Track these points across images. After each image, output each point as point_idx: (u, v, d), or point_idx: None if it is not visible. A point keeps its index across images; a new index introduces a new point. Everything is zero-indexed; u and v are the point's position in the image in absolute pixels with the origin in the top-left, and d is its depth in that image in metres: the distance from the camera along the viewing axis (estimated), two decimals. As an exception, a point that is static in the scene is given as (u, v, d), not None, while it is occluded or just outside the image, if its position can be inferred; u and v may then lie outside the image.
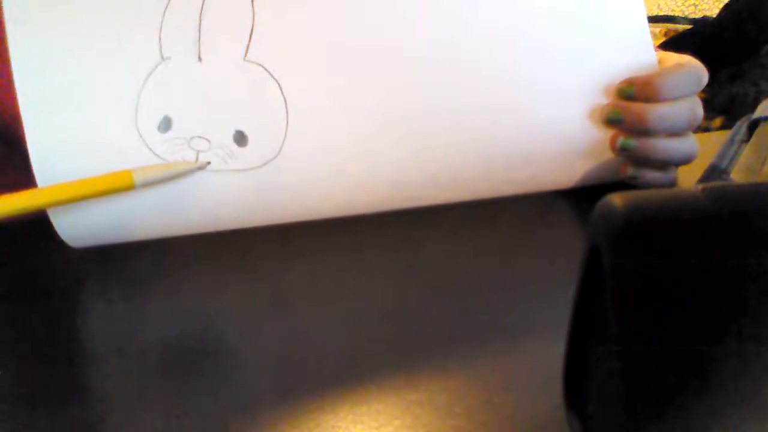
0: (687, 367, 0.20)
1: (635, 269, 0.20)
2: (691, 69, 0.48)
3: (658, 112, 0.47)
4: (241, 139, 0.45)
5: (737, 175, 0.42)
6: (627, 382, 0.20)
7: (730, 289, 0.20)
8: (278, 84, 0.45)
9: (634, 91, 0.47)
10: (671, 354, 0.20)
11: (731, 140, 0.48)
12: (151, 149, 0.44)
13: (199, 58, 0.44)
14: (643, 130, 0.47)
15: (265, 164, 0.45)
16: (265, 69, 0.45)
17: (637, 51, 0.49)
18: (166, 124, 0.44)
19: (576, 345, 0.25)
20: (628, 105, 0.47)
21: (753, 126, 0.47)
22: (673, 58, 0.50)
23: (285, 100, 0.45)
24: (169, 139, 0.44)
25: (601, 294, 0.22)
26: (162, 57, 0.44)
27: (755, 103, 0.52)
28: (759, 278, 0.20)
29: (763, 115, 0.48)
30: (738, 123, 0.51)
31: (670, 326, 0.20)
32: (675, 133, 0.48)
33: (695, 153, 0.49)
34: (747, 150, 0.45)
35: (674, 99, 0.47)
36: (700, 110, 0.48)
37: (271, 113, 0.45)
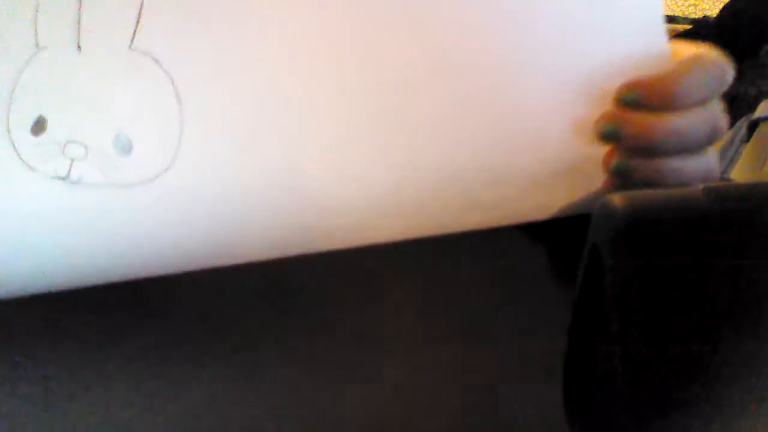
0: (687, 366, 0.20)
1: (635, 269, 0.20)
2: (713, 64, 0.35)
3: (669, 126, 0.34)
4: (124, 145, 0.38)
5: (737, 175, 0.42)
6: (627, 381, 0.20)
7: (730, 289, 0.20)
8: (170, 77, 0.38)
9: (640, 97, 0.35)
10: (671, 354, 0.20)
11: (731, 140, 0.48)
12: (18, 154, 0.37)
13: (78, 48, 0.38)
14: (649, 149, 0.35)
15: (154, 178, 0.37)
16: (154, 59, 0.38)
17: (645, 37, 0.36)
18: (39, 125, 0.38)
19: (576, 345, 0.25)
20: (628, 116, 0.35)
21: (753, 126, 0.47)
22: (688, 49, 0.37)
23: (178, 97, 0.38)
24: (42, 143, 0.37)
25: (601, 294, 0.22)
26: (37, 46, 0.38)
27: (755, 103, 0.52)
28: (759, 278, 0.20)
29: (763, 115, 0.48)
30: (738, 123, 0.51)
31: (670, 326, 0.20)
32: (689, 151, 0.35)
33: (714, 174, 0.36)
34: (747, 150, 0.45)
35: (690, 106, 0.35)
36: (722, 121, 0.35)
37: (161, 114, 0.38)
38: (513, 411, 0.29)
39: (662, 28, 0.36)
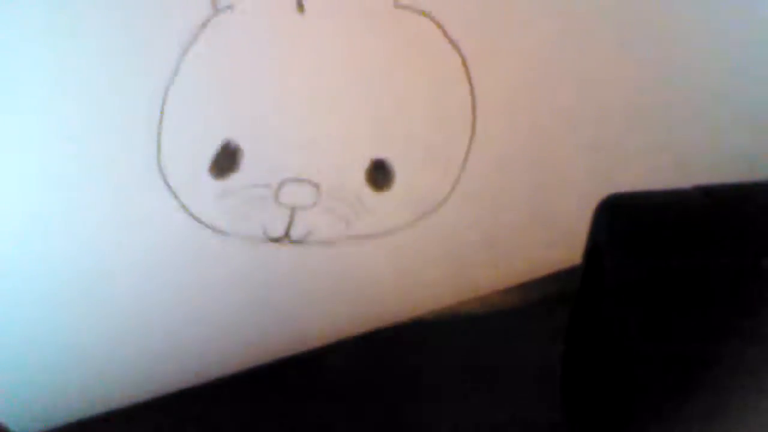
0: (687, 366, 0.20)
1: (635, 269, 0.20)
2: None
3: None
4: (382, 175, 0.23)
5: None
6: (627, 382, 0.20)
7: (730, 289, 0.20)
8: (468, 77, 0.24)
9: None
10: (671, 354, 0.20)
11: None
12: (191, 213, 0.22)
13: (300, 5, 0.22)
14: None
15: (420, 218, 0.24)
16: (439, 25, 0.23)
17: None
18: (228, 160, 0.22)
19: (576, 345, 0.25)
20: None
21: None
22: None
23: (471, 85, 0.24)
24: (235, 189, 0.23)
25: (601, 294, 0.22)
26: (216, 6, 0.22)
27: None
28: (759, 278, 0.20)
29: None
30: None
31: (670, 326, 0.20)
32: None
33: None
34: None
35: None
36: None
37: (452, 117, 0.24)
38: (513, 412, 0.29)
39: None
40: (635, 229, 0.21)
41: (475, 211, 0.26)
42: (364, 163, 0.23)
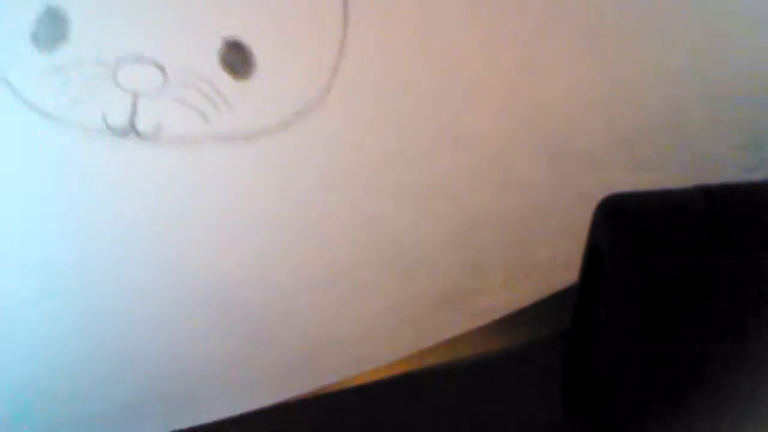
0: (687, 366, 0.20)
1: (635, 269, 0.20)
2: None
3: None
4: (240, 59, 0.21)
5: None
6: (627, 381, 0.20)
7: (730, 289, 0.20)
8: None
9: None
10: (671, 353, 0.20)
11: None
12: (16, 92, 0.20)
13: None
14: None
15: (294, 119, 0.21)
16: None
17: None
18: (53, 29, 0.20)
19: (576, 345, 0.25)
20: None
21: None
22: None
23: None
24: (64, 65, 0.20)
25: (601, 294, 0.22)
26: None
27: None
28: (759, 278, 0.20)
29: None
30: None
31: (669, 326, 0.20)
32: None
33: None
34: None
35: None
36: None
37: (318, 10, 0.21)
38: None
39: None
40: (635, 229, 0.21)
41: (362, 116, 0.22)
42: (215, 44, 0.20)
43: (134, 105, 0.20)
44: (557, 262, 0.27)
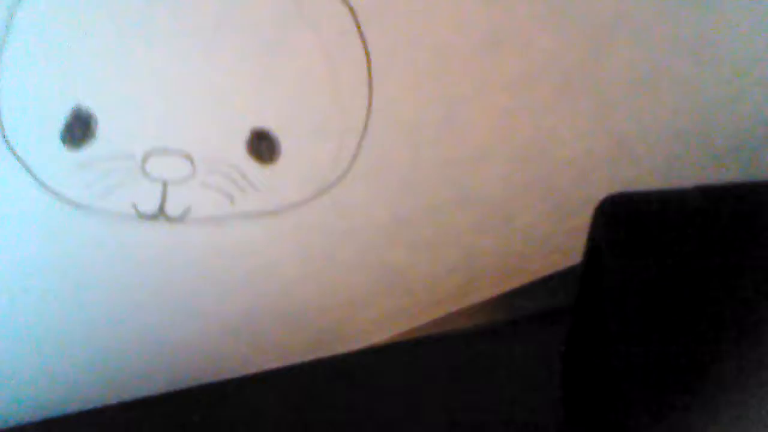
0: (686, 367, 0.20)
1: (635, 269, 0.20)
2: None
3: None
4: (267, 147, 0.21)
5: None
6: (627, 382, 0.20)
7: (730, 289, 0.20)
8: (360, 33, 0.21)
9: None
10: (671, 354, 0.20)
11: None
12: (48, 187, 0.20)
13: None
14: None
15: (314, 197, 0.23)
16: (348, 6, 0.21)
17: None
18: (80, 128, 0.20)
19: (576, 345, 0.25)
20: None
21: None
22: None
23: (369, 66, 0.22)
24: (93, 160, 0.20)
25: (601, 294, 0.22)
26: None
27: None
28: (758, 277, 0.20)
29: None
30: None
31: (669, 325, 0.20)
32: None
33: None
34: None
35: None
36: None
37: (344, 92, 0.22)
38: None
39: None
40: (635, 229, 0.21)
41: (380, 187, 0.23)
42: (243, 134, 0.21)
43: (164, 192, 0.21)
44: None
